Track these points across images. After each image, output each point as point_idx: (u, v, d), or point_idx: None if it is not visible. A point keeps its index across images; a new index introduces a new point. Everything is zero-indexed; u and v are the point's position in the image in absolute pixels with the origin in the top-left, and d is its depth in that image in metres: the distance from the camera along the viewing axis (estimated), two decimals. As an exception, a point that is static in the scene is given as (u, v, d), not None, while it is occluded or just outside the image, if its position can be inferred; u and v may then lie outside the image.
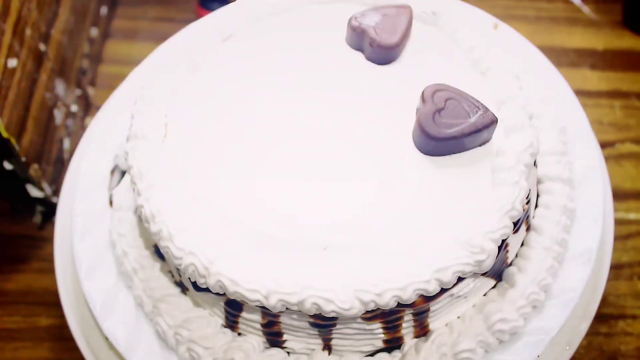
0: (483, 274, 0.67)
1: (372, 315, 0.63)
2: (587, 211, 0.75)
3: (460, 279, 0.63)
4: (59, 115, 0.98)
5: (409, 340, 0.68)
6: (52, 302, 0.88)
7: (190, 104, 0.73)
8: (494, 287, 0.70)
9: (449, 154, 0.67)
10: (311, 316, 0.64)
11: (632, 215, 0.96)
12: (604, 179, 0.80)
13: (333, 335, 0.66)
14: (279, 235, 0.64)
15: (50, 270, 0.83)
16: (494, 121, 0.66)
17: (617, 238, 0.87)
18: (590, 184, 0.77)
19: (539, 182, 0.75)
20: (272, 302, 0.61)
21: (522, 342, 0.68)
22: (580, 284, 0.71)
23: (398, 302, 0.61)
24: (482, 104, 0.67)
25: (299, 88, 0.73)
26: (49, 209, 0.96)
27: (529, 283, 0.68)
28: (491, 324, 0.66)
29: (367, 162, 0.66)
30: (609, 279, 0.76)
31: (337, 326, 0.65)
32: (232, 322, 0.69)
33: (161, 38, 0.94)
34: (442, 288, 0.62)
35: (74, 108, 1.04)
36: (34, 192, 0.93)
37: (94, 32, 1.13)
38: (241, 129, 0.71)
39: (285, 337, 0.67)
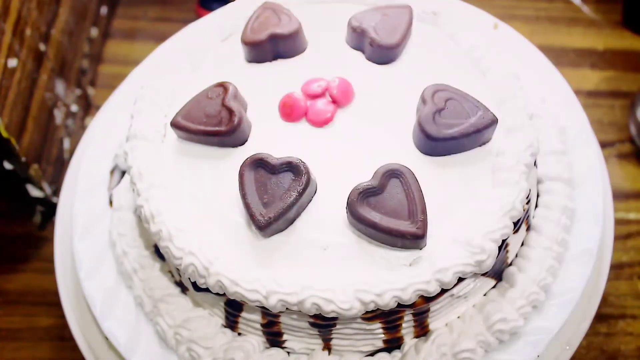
0: (483, 274, 0.67)
1: (372, 315, 0.63)
2: (587, 211, 0.75)
3: (460, 279, 0.63)
4: (59, 115, 0.98)
5: (409, 340, 0.68)
6: (52, 302, 0.88)
7: (190, 104, 0.73)
8: (494, 287, 0.70)
9: (449, 154, 0.67)
10: (311, 316, 0.63)
11: (632, 215, 0.96)
12: (604, 179, 0.80)
13: (333, 335, 0.66)
14: (278, 236, 0.64)
15: (50, 270, 0.83)
16: (494, 121, 0.66)
17: (617, 238, 0.87)
18: (590, 184, 0.77)
19: (539, 182, 0.75)
20: (272, 302, 0.61)
21: (522, 342, 0.68)
22: (580, 284, 0.71)
23: (398, 303, 0.61)
24: (482, 104, 0.67)
25: (298, 88, 0.73)
26: (49, 209, 0.96)
27: (529, 283, 0.68)
28: (491, 324, 0.66)
29: (367, 162, 0.66)
30: (609, 279, 0.76)
31: (337, 326, 0.65)
32: (232, 322, 0.69)
33: (161, 38, 0.95)
34: (442, 288, 0.62)
35: (74, 108, 1.04)
36: (34, 192, 0.93)
37: (94, 32, 1.13)
38: (241, 129, 0.70)
39: (285, 337, 0.67)
